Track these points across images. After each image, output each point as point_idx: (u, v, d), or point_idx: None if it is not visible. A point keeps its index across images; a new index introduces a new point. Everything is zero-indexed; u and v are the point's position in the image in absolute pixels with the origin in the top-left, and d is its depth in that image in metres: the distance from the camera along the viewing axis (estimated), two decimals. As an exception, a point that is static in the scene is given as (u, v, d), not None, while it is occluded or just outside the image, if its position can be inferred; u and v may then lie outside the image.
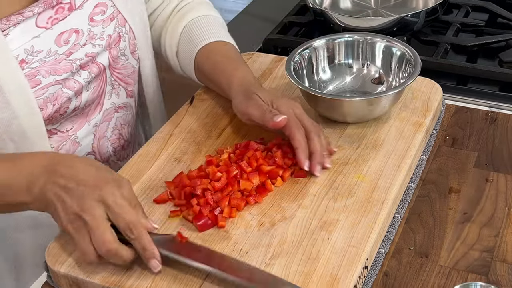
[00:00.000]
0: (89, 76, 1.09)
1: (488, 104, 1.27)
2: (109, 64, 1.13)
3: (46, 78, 1.02)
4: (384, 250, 0.93)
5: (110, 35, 1.11)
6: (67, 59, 1.05)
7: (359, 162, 1.03)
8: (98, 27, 1.09)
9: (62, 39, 1.04)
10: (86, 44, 1.07)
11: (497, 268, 0.90)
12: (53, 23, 1.03)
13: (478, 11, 1.60)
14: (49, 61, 1.02)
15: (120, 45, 1.14)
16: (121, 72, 1.16)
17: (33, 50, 1.00)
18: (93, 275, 0.88)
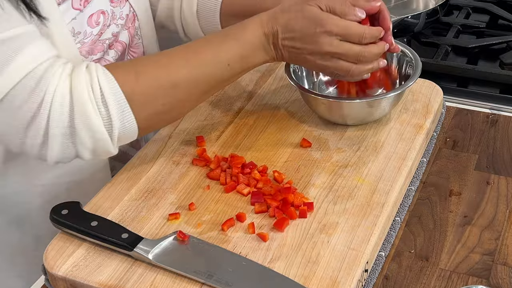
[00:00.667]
0: (116, 54, 1.13)
1: (489, 106, 1.26)
2: (129, 43, 1.17)
3: (86, 58, 1.06)
4: (384, 253, 0.93)
5: (127, 15, 1.15)
6: (99, 40, 1.09)
7: (359, 164, 1.03)
8: (117, 8, 1.13)
9: (93, 20, 1.07)
10: (111, 24, 1.11)
11: (498, 271, 0.90)
12: (84, 5, 1.06)
13: (478, 13, 1.60)
14: (87, 42, 1.06)
15: (136, 24, 1.18)
16: (135, 51, 1.20)
17: (74, 31, 1.04)
18: (91, 278, 0.87)
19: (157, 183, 1.02)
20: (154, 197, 0.99)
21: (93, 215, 0.95)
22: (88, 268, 0.88)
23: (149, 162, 1.06)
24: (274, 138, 1.10)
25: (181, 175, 1.03)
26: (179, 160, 1.07)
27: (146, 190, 1.01)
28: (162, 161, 1.07)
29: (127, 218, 0.96)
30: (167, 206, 0.97)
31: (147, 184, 1.02)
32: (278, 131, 1.11)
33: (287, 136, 1.10)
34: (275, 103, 1.18)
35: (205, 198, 0.98)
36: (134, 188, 1.01)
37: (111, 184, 1.02)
